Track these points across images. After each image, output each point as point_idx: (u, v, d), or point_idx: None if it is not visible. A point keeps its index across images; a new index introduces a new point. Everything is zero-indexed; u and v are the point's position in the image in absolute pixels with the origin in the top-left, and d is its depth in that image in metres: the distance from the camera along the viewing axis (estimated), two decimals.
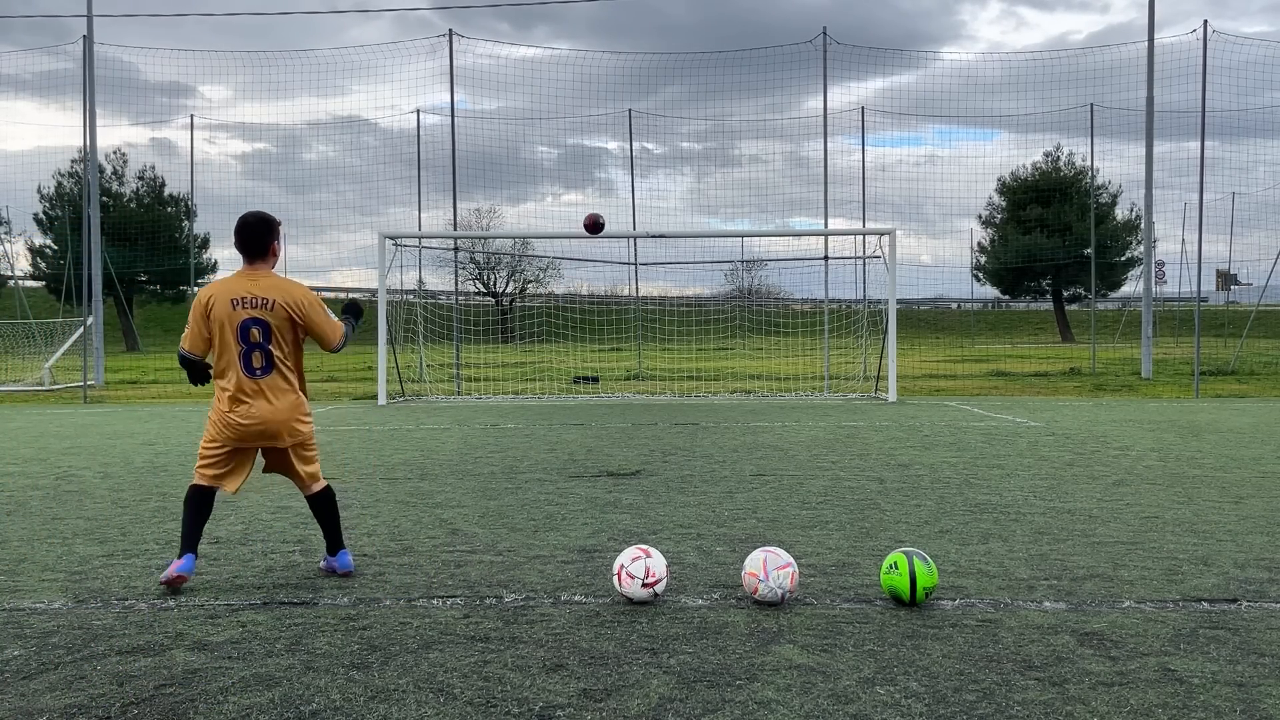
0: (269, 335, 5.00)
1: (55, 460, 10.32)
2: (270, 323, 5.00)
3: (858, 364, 22.90)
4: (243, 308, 4.98)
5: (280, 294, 5.03)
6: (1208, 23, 23.64)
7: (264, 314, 4.98)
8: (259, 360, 5.01)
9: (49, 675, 3.81)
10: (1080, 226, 47.62)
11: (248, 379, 5.01)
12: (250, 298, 4.99)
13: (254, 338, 4.99)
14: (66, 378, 24.93)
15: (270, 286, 5.03)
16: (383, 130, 49.55)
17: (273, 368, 5.04)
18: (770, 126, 56.91)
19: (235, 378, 5.03)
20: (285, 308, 5.02)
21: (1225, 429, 12.84)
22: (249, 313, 4.97)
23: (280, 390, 5.08)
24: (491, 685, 3.68)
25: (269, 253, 5.12)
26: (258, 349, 5.00)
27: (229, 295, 4.99)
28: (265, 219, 5.14)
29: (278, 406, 5.06)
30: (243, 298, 4.99)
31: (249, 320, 4.97)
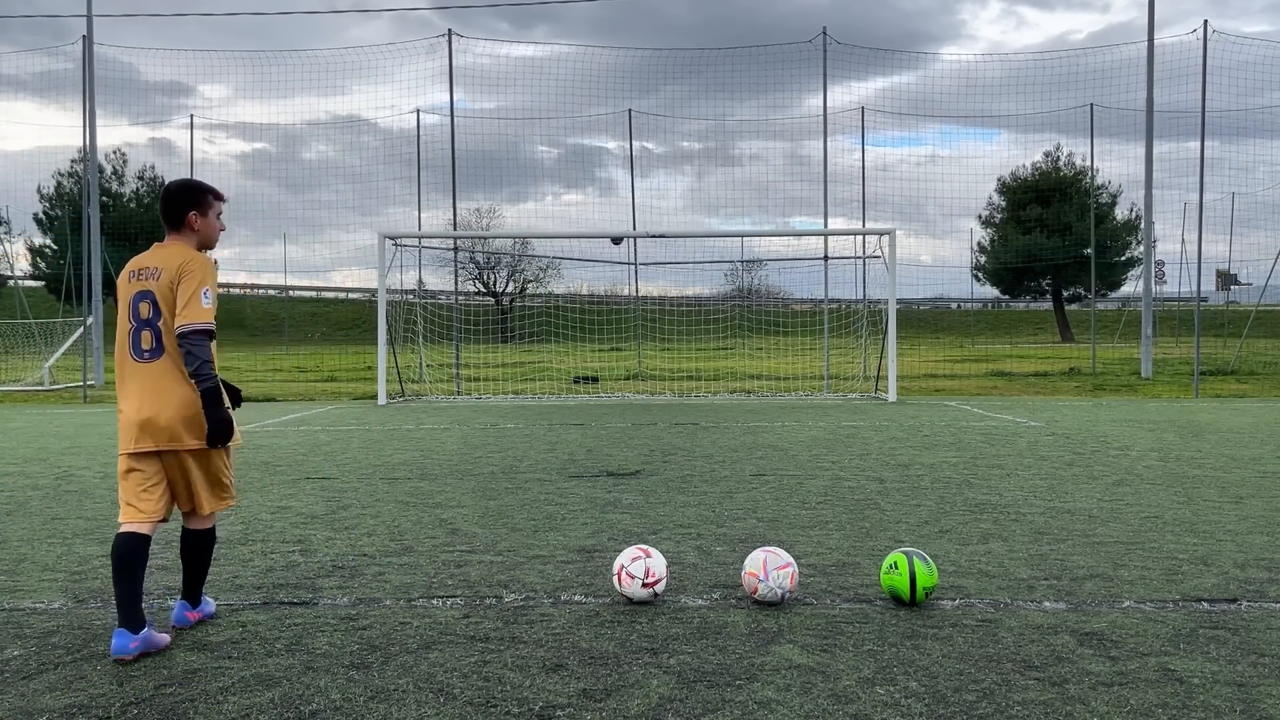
0: (157, 310, 4.15)
1: (55, 460, 10.32)
2: (155, 295, 4.15)
3: (858, 364, 22.91)
4: (135, 280, 4.22)
5: (170, 261, 4.18)
6: (1208, 23, 23.65)
7: (151, 284, 4.16)
8: (147, 341, 4.16)
9: (49, 675, 3.81)
10: (1080, 226, 47.65)
11: (135, 363, 4.18)
12: (143, 269, 4.22)
13: (143, 313, 4.17)
14: (66, 378, 24.93)
15: (165, 255, 4.21)
16: (382, 130, 49.55)
17: (163, 351, 4.16)
18: (770, 126, 56.97)
19: (122, 363, 4.23)
20: (170, 276, 4.15)
21: (1225, 429, 12.84)
22: (139, 285, 4.19)
23: (173, 382, 4.14)
24: (491, 685, 3.68)
25: (184, 224, 4.29)
26: (147, 327, 4.16)
27: (131, 268, 4.28)
28: (184, 185, 4.36)
29: (166, 400, 4.12)
30: (138, 269, 4.23)
31: (139, 294, 4.18)
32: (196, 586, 4.47)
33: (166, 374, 4.14)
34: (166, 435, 4.12)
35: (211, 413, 4.08)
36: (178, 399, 4.13)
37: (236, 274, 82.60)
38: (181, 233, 4.31)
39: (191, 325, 4.05)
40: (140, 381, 4.15)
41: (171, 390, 4.14)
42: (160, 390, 4.13)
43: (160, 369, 4.15)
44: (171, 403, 4.12)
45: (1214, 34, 22.90)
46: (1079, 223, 48.77)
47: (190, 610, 4.44)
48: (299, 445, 11.68)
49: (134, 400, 4.15)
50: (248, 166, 59.75)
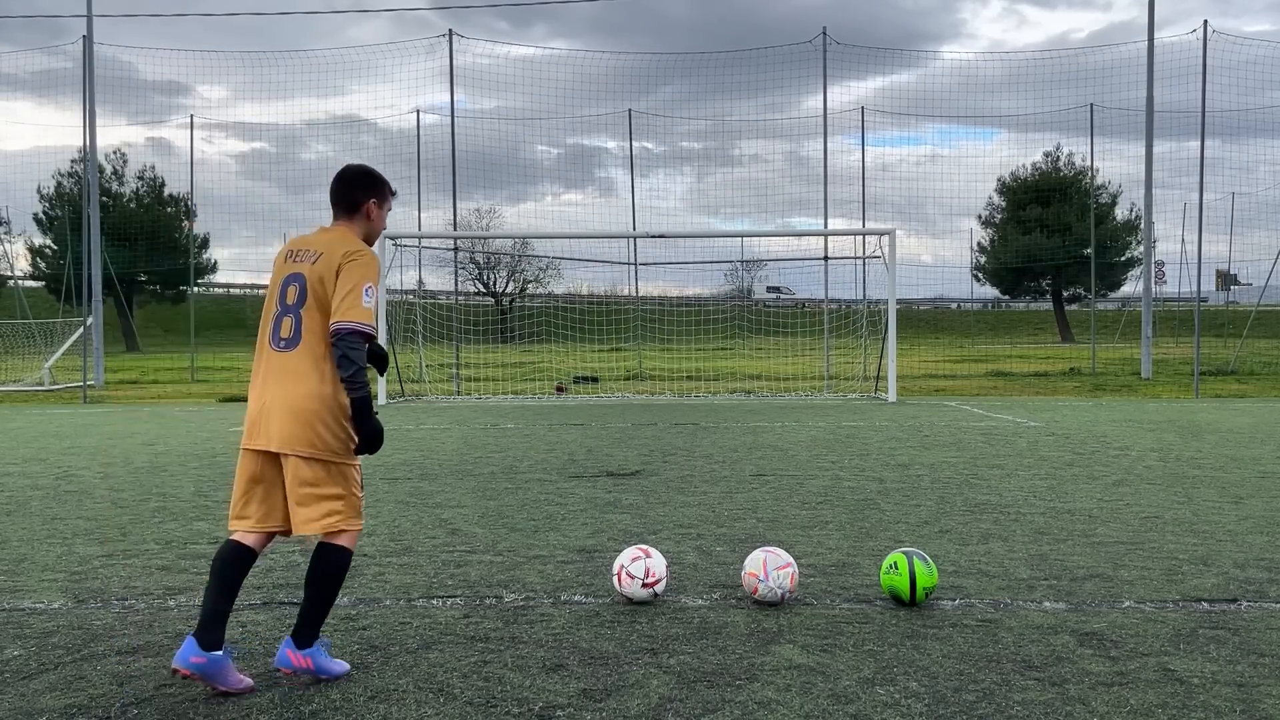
0: (304, 295, 3.67)
1: (55, 460, 10.32)
2: (306, 279, 3.68)
3: (857, 364, 22.91)
4: (290, 260, 3.78)
5: (333, 247, 3.73)
6: (1208, 23, 23.66)
7: (305, 267, 3.70)
8: (287, 328, 3.69)
9: (49, 675, 3.81)
10: (1080, 226, 47.60)
11: (272, 351, 3.72)
12: (301, 250, 3.78)
13: (289, 298, 3.70)
14: (66, 378, 24.93)
15: (329, 239, 3.78)
16: (381, 130, 49.53)
17: (299, 341, 3.67)
18: (770, 126, 56.94)
19: (260, 351, 3.79)
20: (330, 262, 3.68)
21: (1225, 429, 12.84)
22: (293, 266, 3.74)
23: (302, 374, 3.64)
24: (491, 685, 3.68)
25: (359, 211, 3.86)
26: (289, 313, 3.69)
27: (289, 248, 3.85)
28: (368, 170, 3.95)
29: (289, 396, 3.63)
30: (295, 250, 3.80)
31: (290, 276, 3.73)
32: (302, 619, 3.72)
33: (297, 368, 3.63)
34: (278, 437, 3.62)
35: (363, 426, 3.64)
36: (301, 394, 3.61)
37: (236, 274, 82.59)
38: (353, 219, 3.87)
39: (348, 325, 3.56)
40: (269, 371, 3.69)
41: (297, 385, 3.62)
42: (285, 384, 3.63)
43: (293, 360, 3.65)
44: (292, 399, 3.61)
45: (1214, 34, 22.93)
46: (1079, 223, 48.72)
47: (292, 649, 3.68)
48: None
49: (256, 391, 3.72)
50: (246, 166, 59.79)
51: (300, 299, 3.66)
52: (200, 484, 8.58)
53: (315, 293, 3.65)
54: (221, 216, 55.67)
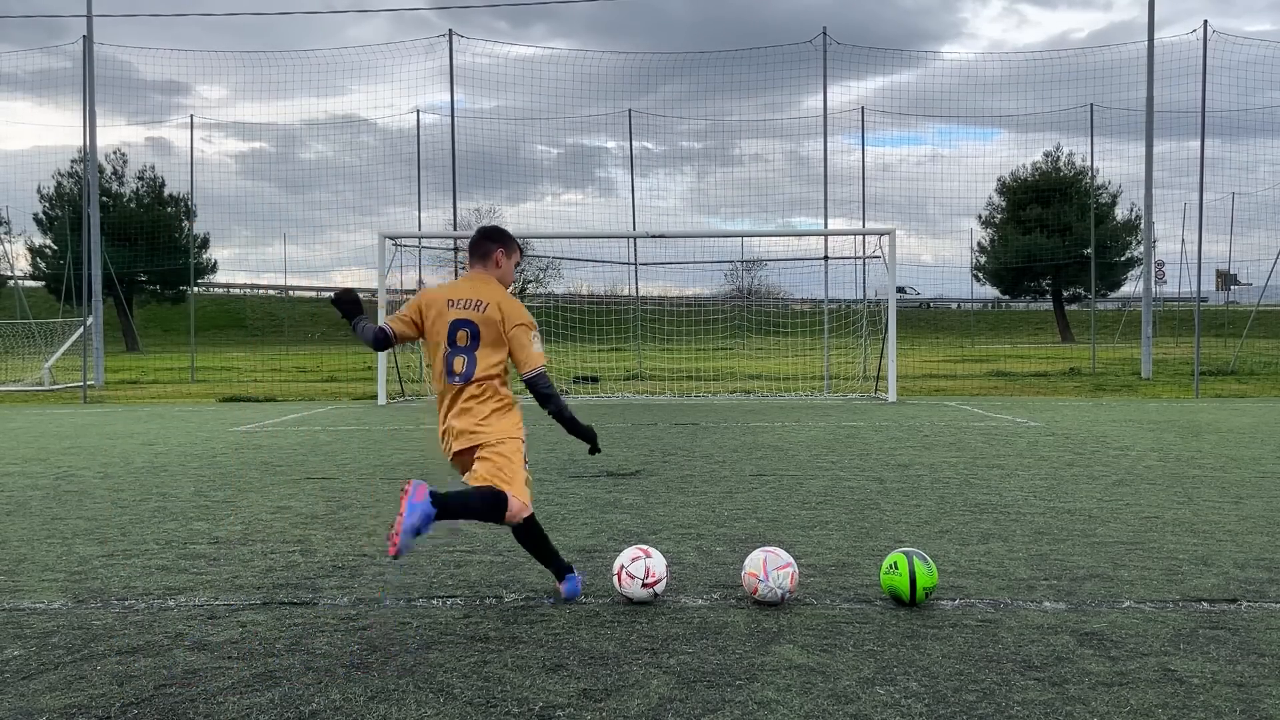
0: (476, 340, 4.66)
1: (55, 460, 10.32)
2: (478, 325, 4.65)
3: (857, 364, 22.90)
4: (454, 308, 4.68)
5: (494, 298, 4.70)
6: (1208, 23, 23.65)
7: (474, 315, 4.65)
8: (460, 365, 4.66)
9: (49, 675, 3.81)
10: (1080, 226, 47.62)
11: (446, 383, 4.69)
12: (463, 299, 4.70)
13: (460, 340, 4.66)
14: (66, 378, 24.93)
15: (487, 290, 4.74)
16: (381, 129, 49.56)
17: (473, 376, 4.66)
18: (770, 126, 56.92)
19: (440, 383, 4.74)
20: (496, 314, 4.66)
21: (1225, 429, 12.84)
22: (459, 313, 4.67)
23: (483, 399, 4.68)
24: (491, 685, 3.68)
25: (490, 260, 4.82)
26: (462, 353, 4.66)
27: (447, 296, 4.74)
28: (494, 229, 4.93)
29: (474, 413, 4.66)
30: (457, 299, 4.70)
31: (458, 321, 4.66)
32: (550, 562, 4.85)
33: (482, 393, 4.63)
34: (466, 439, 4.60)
35: (578, 431, 4.85)
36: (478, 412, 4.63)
37: (236, 274, 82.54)
38: (486, 266, 4.81)
39: (539, 369, 4.71)
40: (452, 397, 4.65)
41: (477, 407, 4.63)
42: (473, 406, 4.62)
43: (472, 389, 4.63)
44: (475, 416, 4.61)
45: (1214, 34, 22.91)
46: (1079, 223, 48.73)
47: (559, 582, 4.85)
48: (299, 445, 11.68)
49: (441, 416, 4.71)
50: (246, 166, 59.80)
51: (473, 343, 4.64)
52: (200, 484, 8.58)
53: (485, 336, 4.64)
54: (221, 216, 55.69)
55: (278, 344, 45.70)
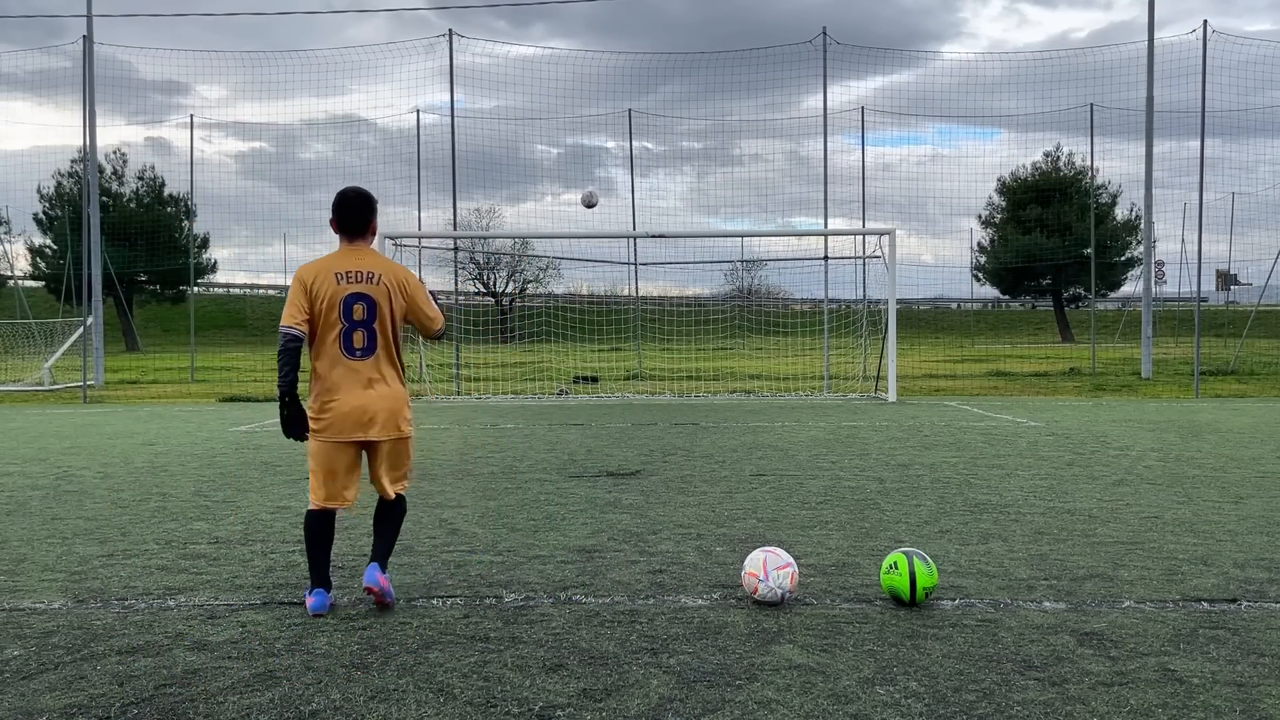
0: (372, 312, 4.62)
1: (55, 460, 10.32)
2: (374, 299, 4.62)
3: (857, 364, 22.89)
4: (346, 281, 4.60)
5: (386, 269, 4.71)
6: (1207, 22, 23.63)
7: (368, 288, 4.62)
8: (360, 340, 4.62)
9: (49, 675, 3.81)
10: (1080, 226, 47.61)
11: (346, 359, 4.61)
12: (353, 272, 4.63)
13: (356, 314, 4.60)
14: (66, 378, 24.93)
15: (374, 261, 4.71)
16: (381, 129, 49.55)
17: (375, 349, 4.65)
18: (770, 125, 56.93)
19: (331, 359, 4.63)
20: (392, 282, 4.68)
21: (1225, 429, 12.84)
22: (352, 287, 4.60)
23: (377, 379, 4.66)
24: (491, 685, 3.68)
25: (369, 230, 4.78)
26: (360, 327, 4.61)
27: (333, 270, 4.63)
28: (367, 195, 4.80)
29: (378, 393, 4.65)
30: (346, 271, 4.63)
31: (353, 295, 4.60)
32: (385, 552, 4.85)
33: (373, 371, 4.64)
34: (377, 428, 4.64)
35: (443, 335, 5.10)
36: (384, 395, 4.65)
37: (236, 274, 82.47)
38: (366, 238, 4.76)
39: (440, 329, 4.95)
40: (347, 377, 4.60)
41: (378, 386, 4.64)
42: (367, 386, 4.62)
43: (371, 366, 4.63)
44: (379, 398, 4.63)
45: (1214, 33, 22.89)
46: (1079, 223, 48.73)
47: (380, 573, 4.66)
48: (299, 445, 11.68)
49: (344, 394, 4.60)
50: (245, 166, 59.79)
51: (369, 315, 4.61)
52: (200, 484, 8.58)
53: (382, 308, 4.64)
54: (221, 216, 55.71)
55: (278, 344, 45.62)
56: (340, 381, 4.61)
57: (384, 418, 4.66)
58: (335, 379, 4.61)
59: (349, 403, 4.60)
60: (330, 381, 4.62)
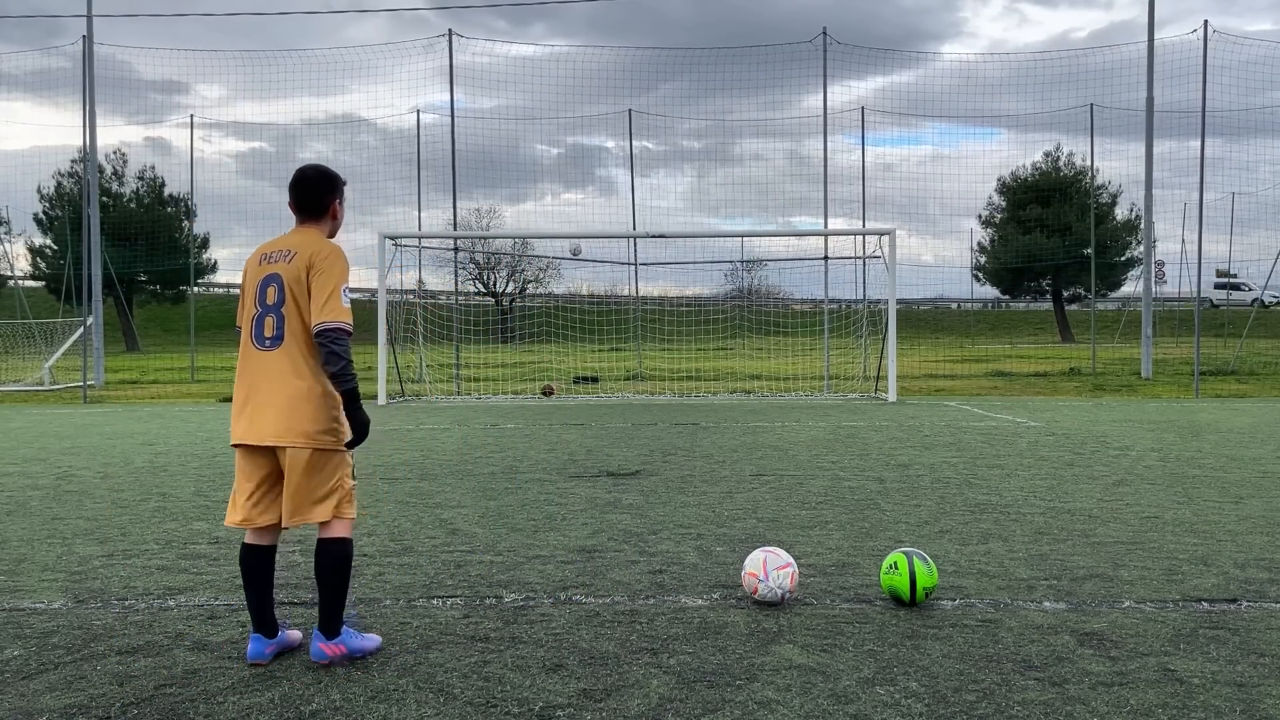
0: (282, 295, 3.87)
1: (55, 460, 10.32)
2: (284, 279, 3.87)
3: (857, 364, 22.89)
4: (265, 263, 3.96)
5: (305, 247, 3.91)
6: (1208, 22, 23.62)
7: (281, 267, 3.89)
8: (270, 328, 3.89)
9: (49, 675, 3.81)
10: (1080, 226, 47.58)
11: (255, 350, 3.92)
12: (274, 252, 3.97)
13: (269, 298, 3.90)
14: (66, 378, 24.93)
15: (299, 239, 3.96)
16: (380, 129, 49.49)
17: (282, 339, 3.87)
18: (770, 125, 56.88)
19: (244, 351, 3.97)
20: (302, 262, 3.87)
21: (1225, 429, 12.84)
22: (269, 268, 3.93)
23: (286, 373, 3.84)
24: (491, 685, 3.68)
25: (326, 213, 4.05)
26: (271, 313, 3.89)
27: (261, 251, 4.03)
28: (324, 172, 4.08)
29: (276, 392, 3.84)
30: (269, 253, 3.98)
31: (267, 277, 3.92)
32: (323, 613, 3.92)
33: (283, 364, 3.84)
34: (271, 430, 3.81)
35: (354, 414, 3.83)
36: (289, 392, 3.82)
37: (236, 274, 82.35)
38: (320, 221, 4.05)
39: (332, 324, 3.77)
40: (255, 370, 3.89)
41: (284, 381, 3.83)
42: (272, 380, 3.85)
43: (280, 359, 3.85)
44: (281, 395, 3.82)
45: (1214, 33, 22.89)
46: (1079, 223, 48.70)
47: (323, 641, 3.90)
48: None
49: (244, 389, 3.91)
50: (245, 166, 59.74)
51: (280, 299, 3.87)
52: (200, 484, 8.58)
53: (293, 292, 3.86)
54: (220, 216, 55.68)
55: None
56: (244, 374, 3.92)
57: (283, 419, 3.80)
58: (242, 371, 3.94)
59: (248, 399, 3.88)
60: (239, 374, 3.96)
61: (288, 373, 3.84)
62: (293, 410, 3.81)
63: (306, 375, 3.85)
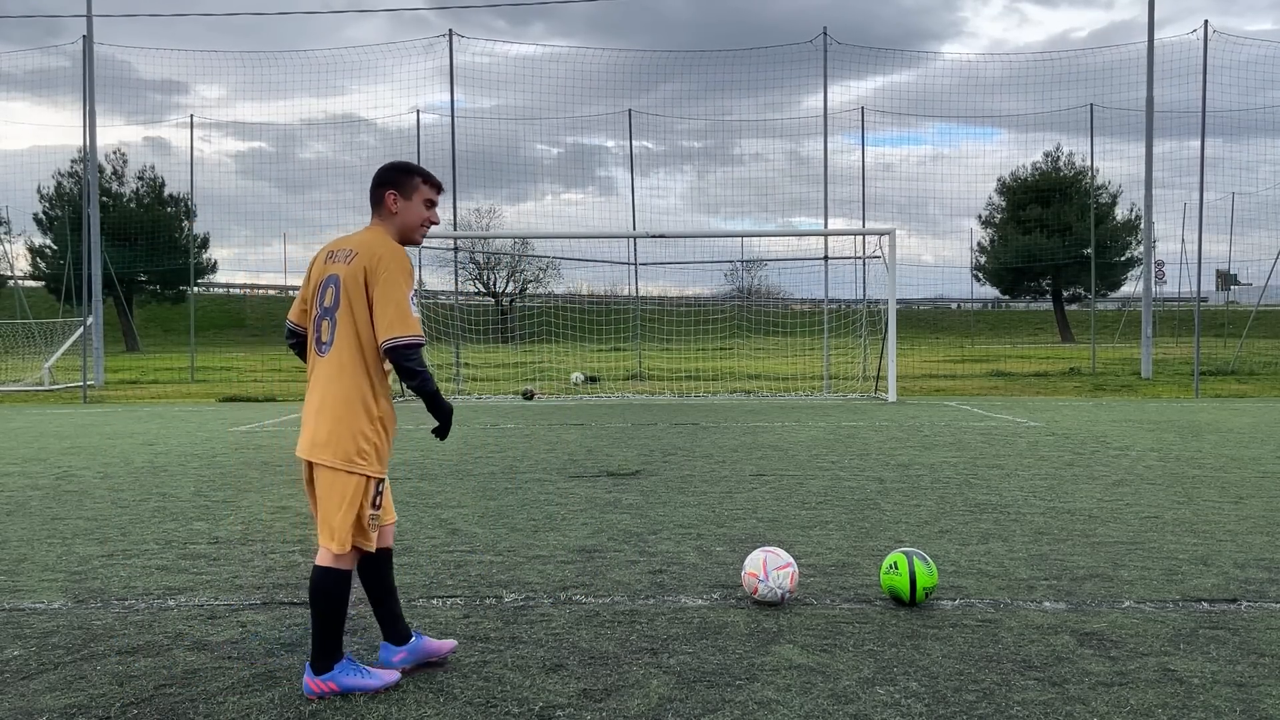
0: (338, 298, 3.62)
1: (55, 460, 10.32)
2: (342, 280, 3.61)
3: (857, 364, 22.89)
4: (329, 261, 3.72)
5: (365, 248, 3.64)
6: (1208, 22, 23.60)
7: (341, 267, 3.63)
8: (326, 331, 3.66)
9: (49, 675, 3.81)
10: (1080, 226, 47.62)
11: (314, 355, 3.71)
12: (337, 250, 3.72)
13: (327, 300, 3.67)
14: (66, 378, 24.93)
15: (361, 239, 3.70)
16: (380, 129, 49.53)
17: (333, 344, 3.63)
18: (770, 125, 56.92)
19: (310, 355, 3.77)
20: (360, 265, 3.60)
21: (1225, 429, 12.84)
22: (331, 267, 3.68)
23: (329, 381, 3.61)
24: (491, 685, 3.68)
25: (382, 206, 3.76)
26: (327, 316, 3.66)
27: (328, 249, 3.79)
28: (390, 163, 3.84)
29: (317, 400, 3.62)
30: (334, 250, 3.74)
31: (328, 278, 3.67)
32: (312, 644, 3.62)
33: (329, 371, 3.61)
34: (307, 443, 3.62)
35: (437, 409, 3.70)
36: (326, 403, 3.59)
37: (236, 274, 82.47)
38: (380, 215, 3.77)
39: (403, 339, 3.52)
40: (313, 376, 3.69)
41: (324, 391, 3.60)
42: (314, 389, 3.64)
43: (329, 365, 3.61)
44: (319, 405, 3.60)
45: (1214, 33, 22.88)
46: (1079, 223, 48.74)
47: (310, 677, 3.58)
48: None
49: (307, 397, 3.70)
50: (245, 166, 59.79)
51: (335, 302, 3.62)
52: (200, 484, 8.58)
53: (349, 295, 3.60)
54: (220, 216, 55.71)
55: (278, 344, 45.65)
56: (308, 381, 3.73)
57: (312, 431, 3.60)
58: (308, 377, 3.75)
59: (305, 408, 3.70)
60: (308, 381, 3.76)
61: (330, 382, 3.60)
62: (322, 423, 3.58)
63: (348, 388, 3.58)
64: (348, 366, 3.59)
